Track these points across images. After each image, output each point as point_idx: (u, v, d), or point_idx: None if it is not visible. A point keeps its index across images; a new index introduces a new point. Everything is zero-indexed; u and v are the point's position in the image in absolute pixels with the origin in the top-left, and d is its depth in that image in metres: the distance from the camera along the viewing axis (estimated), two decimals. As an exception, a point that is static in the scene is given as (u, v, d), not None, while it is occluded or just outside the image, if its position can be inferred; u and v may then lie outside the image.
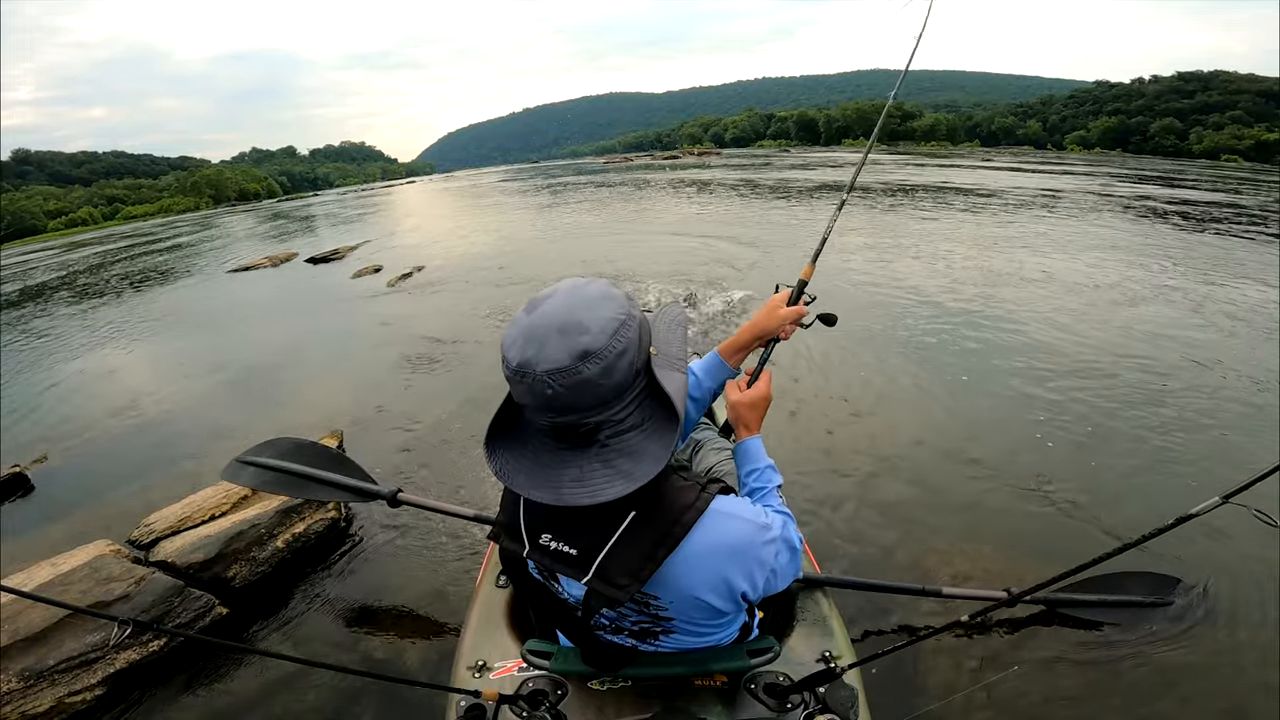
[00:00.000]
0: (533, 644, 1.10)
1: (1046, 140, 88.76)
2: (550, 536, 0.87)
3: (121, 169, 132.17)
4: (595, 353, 0.74)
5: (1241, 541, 2.15)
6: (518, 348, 0.76)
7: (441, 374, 4.28)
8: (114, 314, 7.69)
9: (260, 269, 10.15)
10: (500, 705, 0.97)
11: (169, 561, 2.14)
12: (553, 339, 0.74)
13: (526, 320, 0.78)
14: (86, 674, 1.86)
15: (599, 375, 0.74)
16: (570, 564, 0.86)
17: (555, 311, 0.77)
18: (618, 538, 0.83)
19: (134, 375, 5.04)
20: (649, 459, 0.79)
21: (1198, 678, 1.71)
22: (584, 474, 0.79)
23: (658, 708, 0.98)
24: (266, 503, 2.41)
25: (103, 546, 2.22)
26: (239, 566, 2.18)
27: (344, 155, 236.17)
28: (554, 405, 0.76)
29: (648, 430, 0.81)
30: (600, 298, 0.79)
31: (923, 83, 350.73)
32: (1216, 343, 4.14)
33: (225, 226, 23.07)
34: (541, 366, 0.74)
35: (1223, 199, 13.26)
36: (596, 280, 0.82)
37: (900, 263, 6.56)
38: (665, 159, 41.86)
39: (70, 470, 3.43)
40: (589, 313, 0.76)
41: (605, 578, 0.83)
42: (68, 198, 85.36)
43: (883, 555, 2.25)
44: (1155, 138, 74.48)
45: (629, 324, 0.77)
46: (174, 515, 2.44)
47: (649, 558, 0.83)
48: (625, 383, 0.77)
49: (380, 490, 1.85)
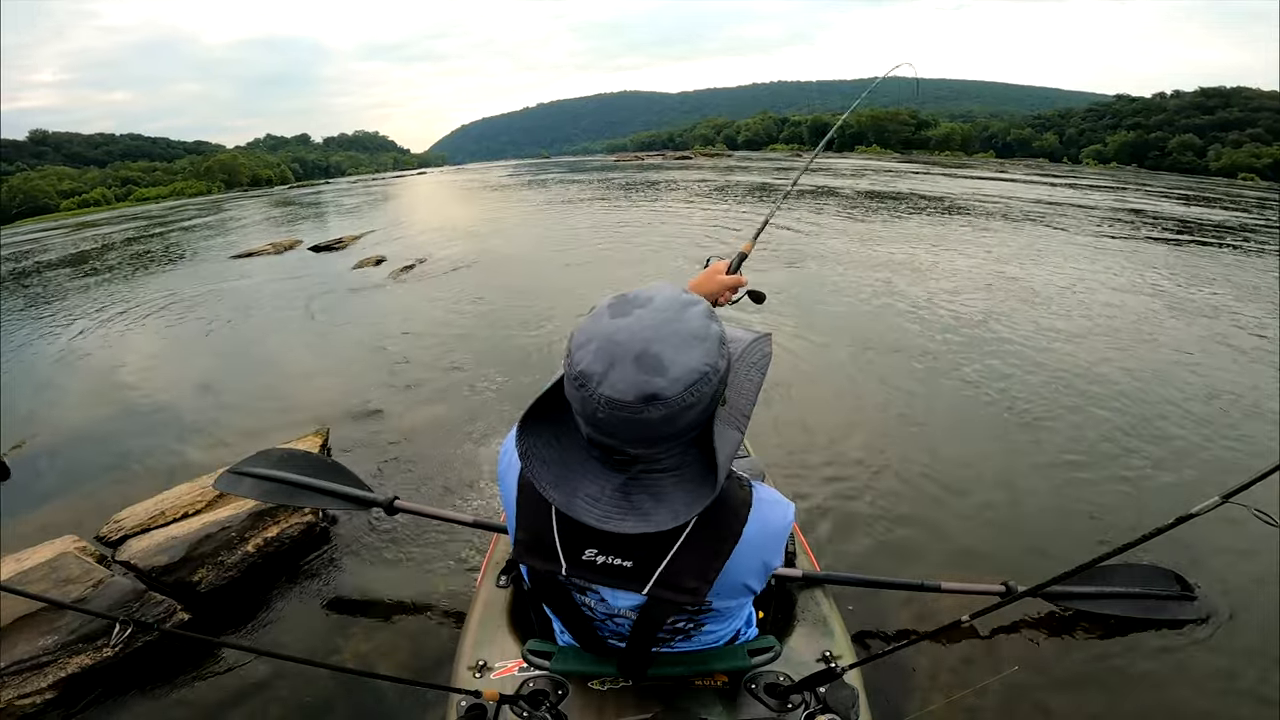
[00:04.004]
0: (533, 644, 1.09)
1: (1062, 153, 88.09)
2: (596, 551, 0.84)
3: (138, 152, 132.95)
4: (664, 400, 0.67)
5: (1241, 541, 2.13)
6: (587, 354, 0.69)
7: (434, 374, 4.18)
8: (110, 296, 7.64)
9: (264, 255, 10.09)
10: (501, 705, 0.97)
11: (132, 563, 2.06)
12: (626, 366, 0.67)
13: (609, 325, 0.70)
14: (38, 677, 1.79)
15: (660, 422, 0.69)
16: (625, 577, 0.84)
17: (641, 331, 0.69)
18: (680, 545, 0.82)
19: (123, 361, 4.96)
20: (669, 508, 0.74)
21: (1197, 675, 1.71)
22: (602, 494, 0.76)
23: (658, 708, 0.98)
24: (240, 503, 2.33)
25: (68, 543, 2.14)
26: (205, 570, 2.10)
27: (357, 144, 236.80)
28: (601, 426, 0.71)
29: (682, 476, 0.75)
30: (693, 338, 0.70)
31: (940, 92, 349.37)
32: (1217, 344, 4.12)
33: (234, 211, 23.10)
34: (603, 390, 0.68)
35: (1235, 218, 13.07)
36: (697, 304, 0.73)
37: (900, 267, 6.47)
38: (676, 159, 41.74)
39: (49, 458, 3.35)
40: (675, 353, 0.68)
41: (672, 584, 0.83)
42: (82, 178, 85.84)
43: (882, 552, 2.26)
44: (1173, 154, 73.82)
45: (711, 377, 0.70)
46: (145, 512, 2.36)
47: (716, 555, 0.82)
48: (683, 435, 0.73)
49: (377, 498, 1.83)
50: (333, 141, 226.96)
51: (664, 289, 0.75)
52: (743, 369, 0.82)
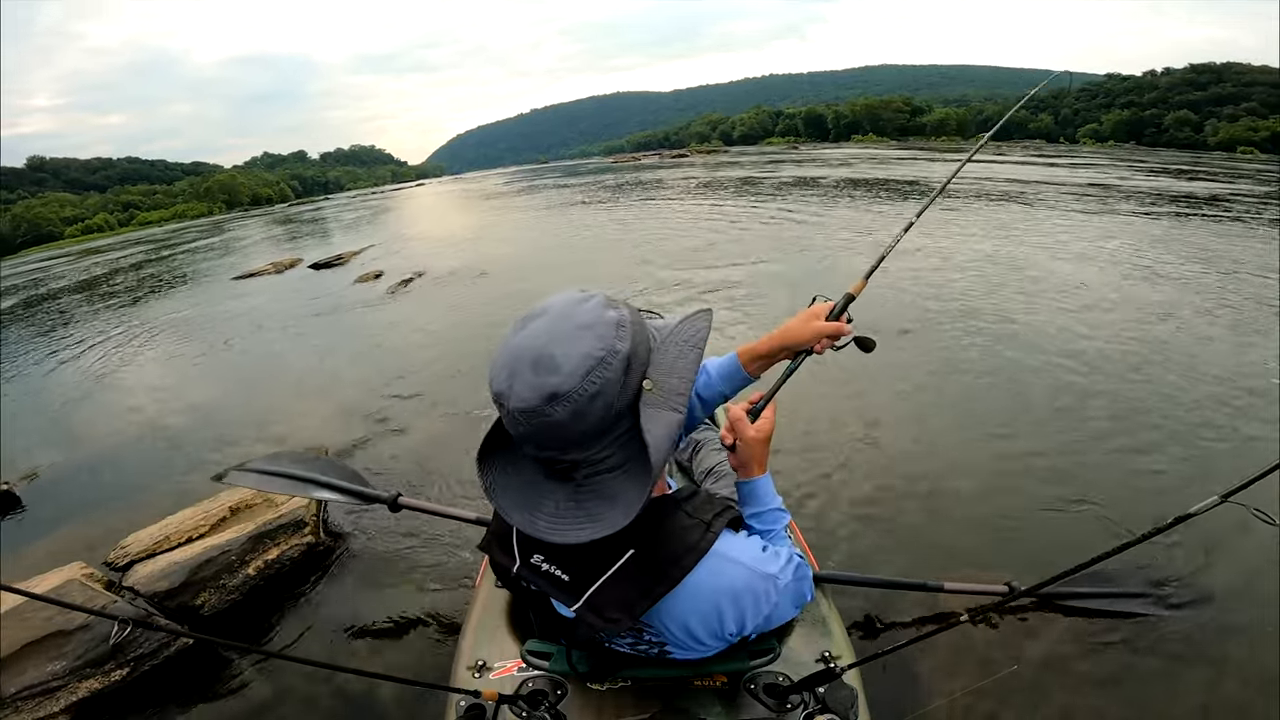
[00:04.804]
0: (532, 644, 1.10)
1: (1059, 134, 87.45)
2: (542, 558, 0.85)
3: (136, 175, 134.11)
4: (564, 395, 0.68)
5: (1241, 540, 2.10)
6: (497, 374, 0.73)
7: (435, 382, 4.21)
8: (116, 323, 7.75)
9: (265, 275, 10.19)
10: (500, 705, 0.97)
11: (136, 589, 2.10)
12: (524, 374, 0.70)
13: (511, 343, 0.73)
14: (49, 701, 1.83)
15: (568, 419, 0.69)
16: (561, 589, 0.84)
17: (535, 339, 0.71)
18: (612, 574, 0.80)
19: (128, 387, 5.04)
20: (622, 505, 0.74)
21: (1197, 674, 1.70)
22: (559, 510, 0.76)
23: (657, 708, 0.98)
24: (242, 525, 2.36)
25: (75, 570, 2.18)
26: (208, 594, 2.13)
27: (354, 159, 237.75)
28: (525, 438, 0.73)
29: (630, 471, 0.75)
30: (581, 328, 0.71)
31: (932, 77, 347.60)
32: (1217, 340, 4.06)
33: (236, 231, 23.30)
34: (512, 403, 0.70)
35: (1237, 190, 12.94)
36: (591, 299, 0.75)
37: (908, 255, 6.42)
38: (674, 157, 41.73)
39: (59, 487, 3.42)
40: (566, 346, 0.70)
41: (596, 610, 0.81)
42: (84, 204, 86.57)
43: (883, 552, 2.24)
44: (1170, 130, 73.14)
45: (607, 362, 0.70)
46: (150, 537, 2.39)
47: (645, 595, 0.80)
48: (601, 426, 0.72)
49: (381, 495, 1.85)
50: (329, 157, 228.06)
51: (561, 296, 0.76)
52: (673, 348, 0.80)
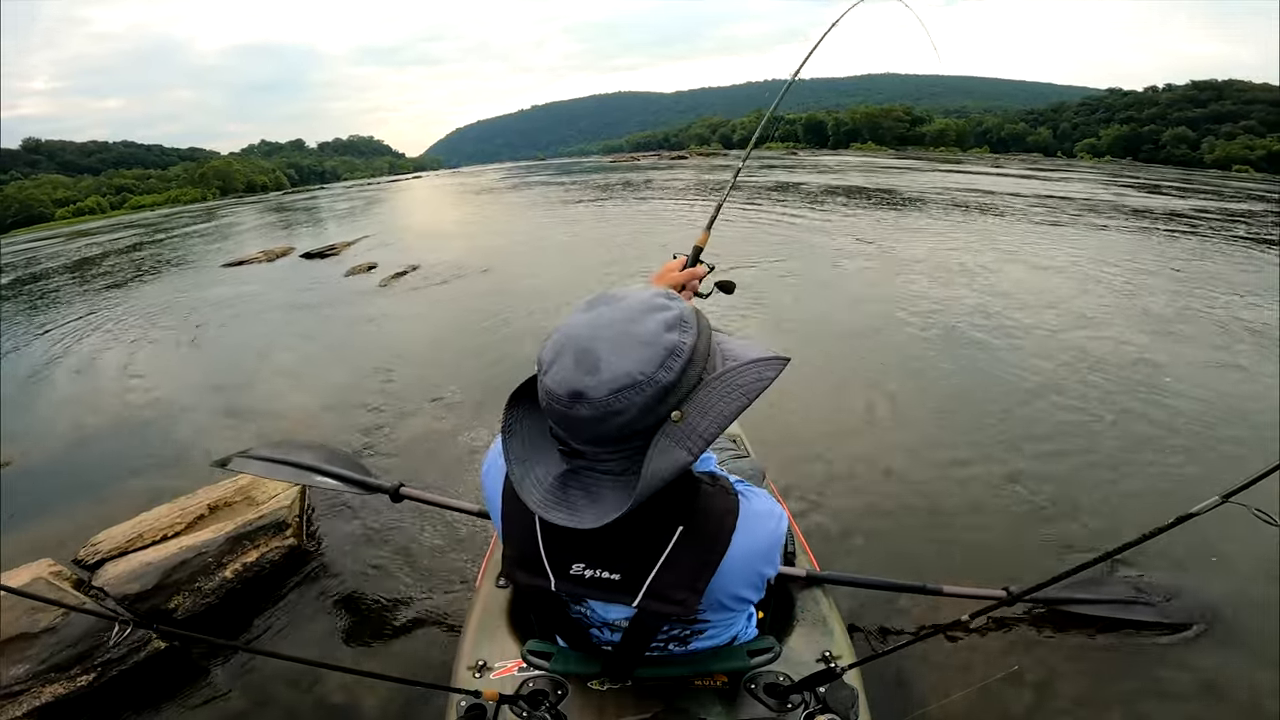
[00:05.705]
0: (533, 644, 1.09)
1: (1057, 147, 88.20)
2: (584, 565, 0.83)
3: (132, 159, 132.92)
4: (590, 400, 0.68)
5: (1241, 541, 2.10)
6: (550, 342, 0.73)
7: (430, 377, 4.13)
8: (101, 308, 7.59)
9: (255, 263, 10.05)
10: (500, 705, 0.97)
11: (105, 589, 2.01)
12: (567, 360, 0.70)
13: (573, 321, 0.73)
14: (11, 706, 1.74)
15: (588, 422, 0.70)
16: (614, 589, 0.83)
17: (592, 329, 0.71)
18: (668, 555, 0.80)
19: (111, 374, 4.91)
20: (598, 509, 0.73)
21: (1197, 678, 1.70)
22: (546, 477, 0.78)
23: (658, 708, 0.98)
24: (220, 525, 2.28)
25: (43, 568, 2.08)
26: (182, 597, 2.05)
27: (352, 149, 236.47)
28: (549, 413, 0.74)
29: (621, 482, 0.74)
30: (637, 342, 0.69)
31: (933, 88, 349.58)
32: (1217, 342, 4.09)
33: (229, 218, 23.04)
34: (546, 380, 0.71)
35: (1231, 210, 13.05)
36: (663, 311, 0.72)
37: (903, 269, 6.41)
38: (672, 158, 41.73)
39: (32, 476, 3.31)
40: (613, 354, 0.68)
41: (661, 596, 0.81)
42: (76, 187, 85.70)
43: (883, 554, 2.25)
44: (1166, 146, 73.96)
45: (642, 387, 0.68)
46: (122, 535, 2.30)
47: (705, 566, 0.81)
48: (615, 436, 0.71)
49: (383, 484, 1.83)
50: (328, 146, 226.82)
51: (642, 291, 0.74)
52: (720, 389, 0.74)
